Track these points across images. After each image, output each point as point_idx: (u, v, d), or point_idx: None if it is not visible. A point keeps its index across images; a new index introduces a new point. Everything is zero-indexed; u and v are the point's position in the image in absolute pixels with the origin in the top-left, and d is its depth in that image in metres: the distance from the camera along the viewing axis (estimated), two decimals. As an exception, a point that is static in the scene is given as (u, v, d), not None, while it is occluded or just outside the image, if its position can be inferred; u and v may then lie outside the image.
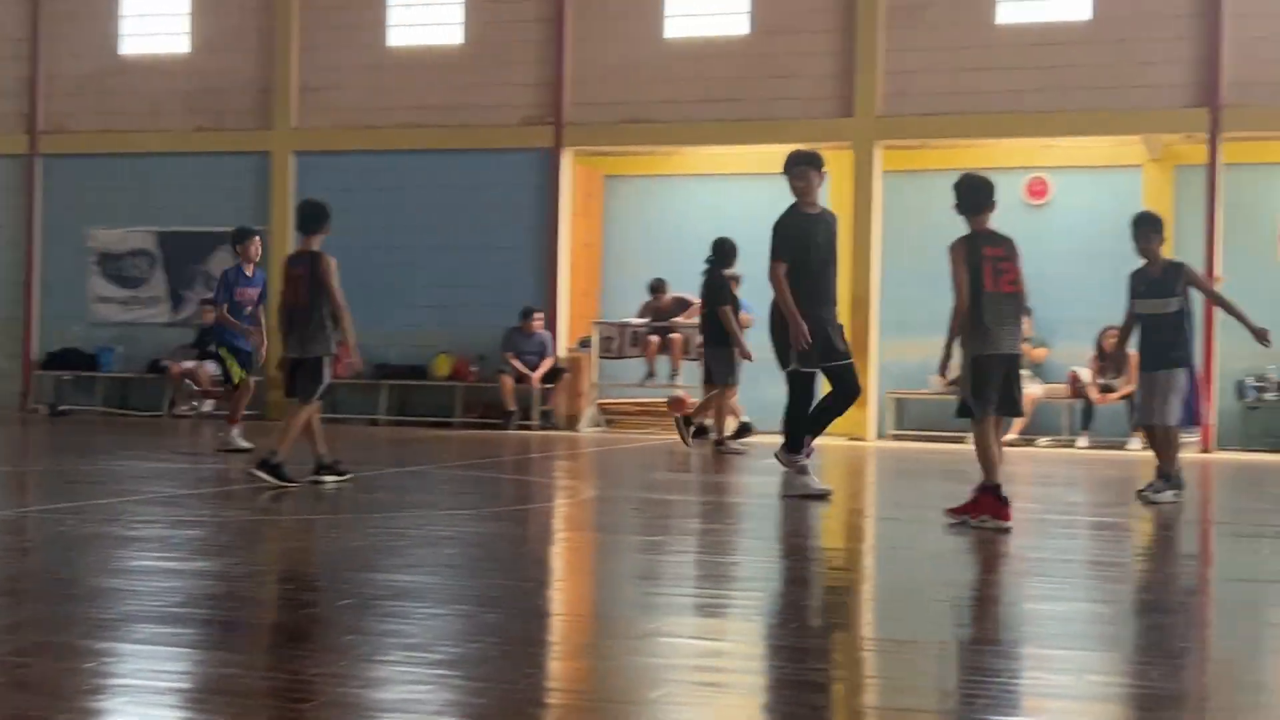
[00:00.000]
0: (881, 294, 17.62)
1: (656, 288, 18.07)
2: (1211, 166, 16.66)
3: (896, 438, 17.34)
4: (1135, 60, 16.82)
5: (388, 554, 6.98)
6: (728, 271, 14.70)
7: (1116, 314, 16.83)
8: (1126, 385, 16.81)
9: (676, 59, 18.42)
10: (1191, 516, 9.64)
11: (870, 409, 17.26)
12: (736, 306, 14.47)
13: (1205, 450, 16.11)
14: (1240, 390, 17.02)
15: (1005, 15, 17.48)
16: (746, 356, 14.33)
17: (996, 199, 8.57)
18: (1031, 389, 17.33)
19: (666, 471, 12.88)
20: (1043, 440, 17.20)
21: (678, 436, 14.79)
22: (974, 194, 8.50)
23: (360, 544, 7.34)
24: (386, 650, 4.68)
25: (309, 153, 19.66)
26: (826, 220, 9.87)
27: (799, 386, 9.67)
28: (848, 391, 9.74)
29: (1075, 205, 18.27)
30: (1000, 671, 4.56)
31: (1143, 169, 17.93)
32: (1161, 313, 10.01)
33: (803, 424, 9.68)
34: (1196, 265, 16.71)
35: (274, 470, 9.66)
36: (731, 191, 19.44)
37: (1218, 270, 16.49)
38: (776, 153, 18.79)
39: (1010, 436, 16.85)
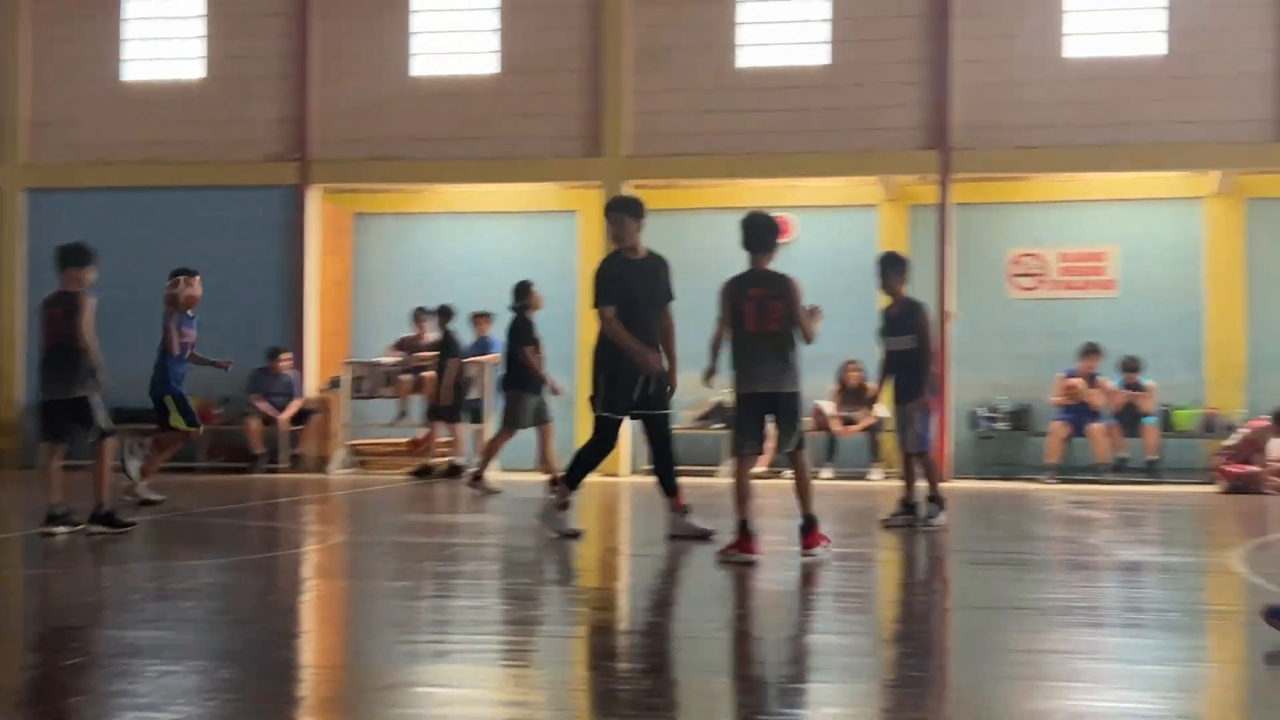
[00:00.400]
0: (632, 331, 17.78)
1: (418, 317, 17.95)
2: (942, 206, 17.36)
3: (650, 473, 17.49)
4: (871, 104, 17.44)
5: (120, 609, 6.69)
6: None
7: (857, 349, 17.44)
8: (868, 417, 17.36)
9: (424, 96, 18.32)
10: (929, 545, 9.96)
11: (624, 444, 17.38)
12: (538, 347, 14.30)
13: (941, 479, 16.68)
14: (973, 421, 17.72)
15: (746, 59, 17.93)
16: (556, 390, 14.35)
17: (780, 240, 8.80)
18: (778, 423, 17.73)
19: (420, 514, 12.71)
20: (789, 472, 17.54)
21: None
22: (760, 232, 8.66)
23: (91, 599, 7.02)
24: (115, 712, 4.47)
25: (42, 189, 18.86)
26: (650, 266, 9.76)
27: (604, 431, 9.71)
28: (659, 441, 9.79)
29: (817, 244, 18.77)
30: (741, 705, 4.61)
31: (879, 208, 18.58)
32: (902, 349, 10.56)
33: (589, 466, 9.71)
34: (930, 302, 17.36)
35: (108, 520, 9.62)
36: (482, 229, 19.41)
37: (951, 306, 17.19)
38: (526, 191, 19.10)
39: (760, 469, 17.16)
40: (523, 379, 14.04)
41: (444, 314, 16.53)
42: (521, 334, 14.13)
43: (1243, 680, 5.39)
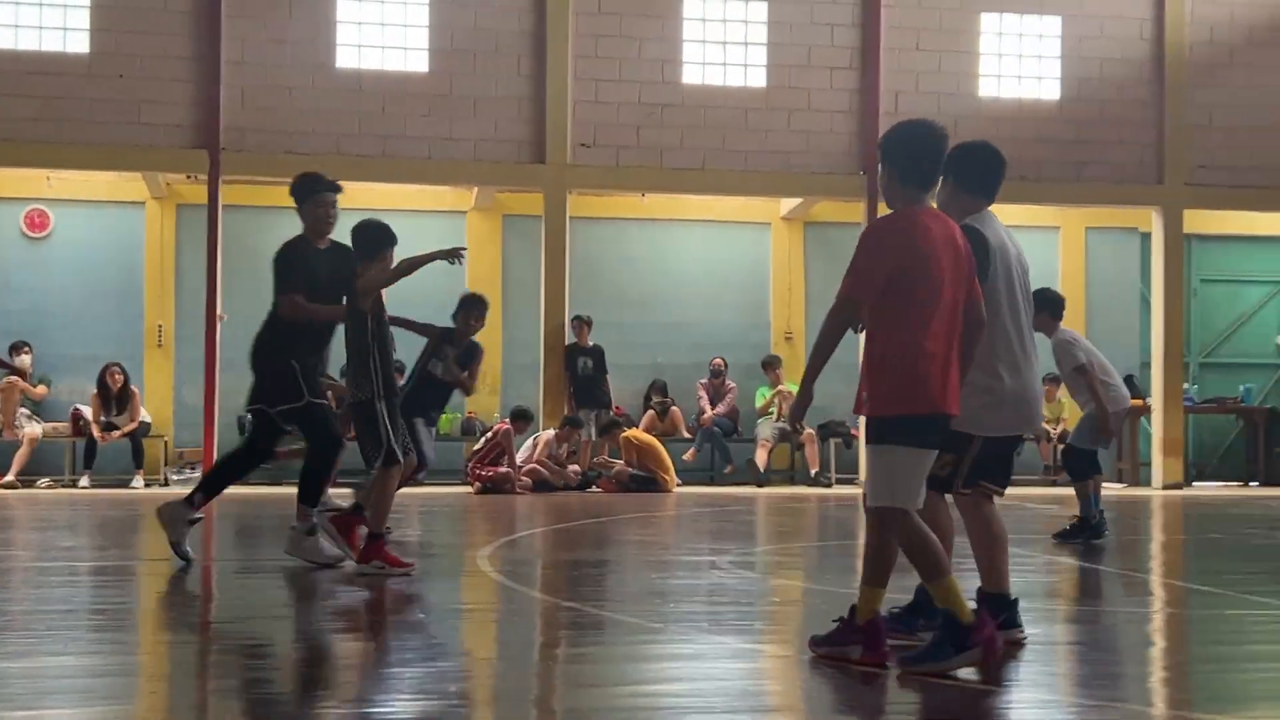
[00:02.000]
0: None
1: None
2: (213, 206, 17.06)
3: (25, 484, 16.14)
4: (136, 98, 16.84)
5: None
6: None
7: (119, 351, 16.81)
8: (130, 424, 16.73)
9: None
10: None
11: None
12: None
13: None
14: (240, 425, 17.55)
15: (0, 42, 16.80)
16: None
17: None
18: (31, 428, 16.69)
19: None
20: (43, 481, 16.64)
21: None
22: (378, 237, 8.50)
23: None
24: None
25: None
26: (334, 255, 8.87)
27: (260, 434, 8.75)
28: (324, 442, 8.79)
29: (77, 239, 17.93)
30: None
31: (146, 206, 18.00)
32: None
33: (236, 475, 8.79)
34: (200, 304, 17.13)
35: None
36: None
37: (220, 310, 16.93)
38: None
39: (9, 478, 16.10)
40: None
41: None
42: None
43: (490, 674, 5.68)
